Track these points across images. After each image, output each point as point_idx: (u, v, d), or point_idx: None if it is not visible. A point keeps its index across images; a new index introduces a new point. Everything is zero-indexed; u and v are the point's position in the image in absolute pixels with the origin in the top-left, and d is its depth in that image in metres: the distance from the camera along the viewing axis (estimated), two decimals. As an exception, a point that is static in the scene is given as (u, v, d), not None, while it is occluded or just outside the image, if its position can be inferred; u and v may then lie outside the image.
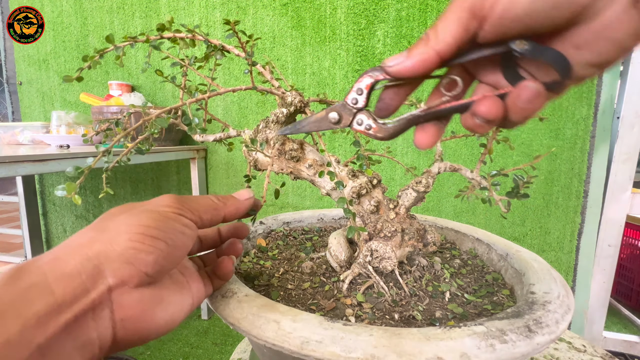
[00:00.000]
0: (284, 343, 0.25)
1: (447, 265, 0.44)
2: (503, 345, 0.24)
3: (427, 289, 0.38)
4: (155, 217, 0.25)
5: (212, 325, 1.38)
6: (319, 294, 0.37)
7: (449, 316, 0.33)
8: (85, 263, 0.21)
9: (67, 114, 1.31)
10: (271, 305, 0.29)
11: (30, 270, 0.20)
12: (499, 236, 0.49)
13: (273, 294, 0.37)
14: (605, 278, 1.19)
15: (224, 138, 0.44)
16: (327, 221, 0.62)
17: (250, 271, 0.42)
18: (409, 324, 0.32)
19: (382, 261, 0.37)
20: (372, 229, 0.38)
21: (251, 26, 1.33)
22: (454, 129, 1.20)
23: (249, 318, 0.28)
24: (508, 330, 0.25)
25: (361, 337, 0.25)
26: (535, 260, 0.39)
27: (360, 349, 0.24)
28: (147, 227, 0.24)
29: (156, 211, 0.25)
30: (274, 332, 0.26)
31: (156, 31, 0.37)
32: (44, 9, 1.52)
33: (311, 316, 0.27)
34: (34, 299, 0.19)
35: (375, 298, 0.36)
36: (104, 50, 0.36)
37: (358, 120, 0.29)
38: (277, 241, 0.53)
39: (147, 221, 0.24)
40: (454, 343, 0.24)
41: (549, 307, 0.29)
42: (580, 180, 1.14)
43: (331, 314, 0.33)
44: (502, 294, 0.38)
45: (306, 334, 0.25)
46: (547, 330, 0.26)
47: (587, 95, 1.09)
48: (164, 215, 0.25)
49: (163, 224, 0.24)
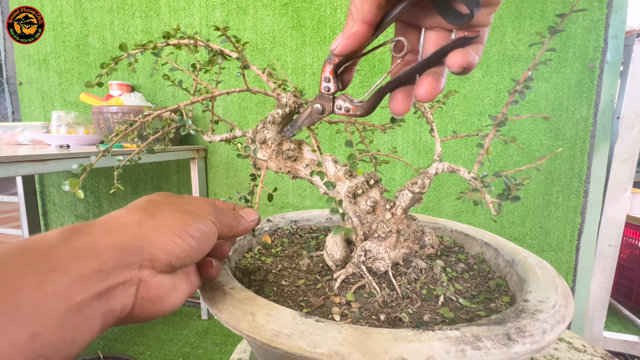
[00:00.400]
0: (256, 335, 0.26)
1: (449, 269, 0.44)
2: (475, 351, 0.24)
3: (421, 292, 0.37)
4: (198, 220, 0.28)
5: (212, 325, 1.38)
6: (311, 291, 0.37)
7: (438, 320, 0.33)
8: (133, 240, 0.23)
9: (67, 114, 1.31)
10: (252, 298, 0.30)
11: (85, 233, 0.22)
12: (508, 240, 0.48)
13: (266, 289, 0.37)
14: (605, 278, 1.19)
15: (230, 138, 0.46)
16: (335, 221, 0.62)
17: (249, 266, 0.43)
18: (394, 326, 0.32)
19: (376, 262, 0.37)
20: (368, 229, 0.38)
21: (251, 26, 1.33)
22: (454, 128, 1.20)
23: (229, 309, 0.29)
24: (484, 337, 0.25)
25: (329, 333, 0.25)
26: (540, 267, 0.38)
27: (325, 345, 0.24)
28: (190, 227, 0.27)
29: (202, 216, 0.28)
30: (248, 324, 0.27)
31: (162, 38, 0.40)
32: (44, 9, 1.52)
33: (287, 311, 0.28)
34: (83, 260, 0.21)
35: (365, 298, 0.36)
36: (119, 58, 0.39)
37: (337, 105, 0.33)
38: (282, 239, 0.54)
39: (192, 222, 0.27)
40: (421, 346, 0.24)
41: (538, 316, 0.28)
42: (580, 180, 1.14)
43: (317, 311, 0.33)
44: (502, 301, 0.37)
45: (277, 327, 0.26)
46: (529, 339, 0.25)
47: (587, 95, 1.09)
48: (206, 222, 0.28)
49: (203, 228, 0.28)
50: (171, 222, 0.26)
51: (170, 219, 0.26)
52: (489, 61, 1.15)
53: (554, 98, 1.12)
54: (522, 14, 1.10)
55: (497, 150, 1.18)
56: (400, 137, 1.26)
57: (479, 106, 1.18)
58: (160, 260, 0.24)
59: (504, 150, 1.18)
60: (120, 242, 0.23)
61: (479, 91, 1.17)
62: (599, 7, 1.04)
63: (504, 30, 1.12)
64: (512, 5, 1.11)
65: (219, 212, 0.31)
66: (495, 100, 1.16)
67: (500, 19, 1.12)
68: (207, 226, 0.28)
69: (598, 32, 1.05)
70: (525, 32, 1.11)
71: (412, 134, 1.25)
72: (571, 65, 1.09)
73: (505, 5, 1.11)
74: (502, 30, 1.12)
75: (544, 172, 1.16)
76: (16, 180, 1.58)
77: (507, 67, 1.14)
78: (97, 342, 1.26)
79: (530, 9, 1.10)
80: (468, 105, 1.19)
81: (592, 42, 1.06)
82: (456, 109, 1.20)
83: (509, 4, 1.11)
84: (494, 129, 0.36)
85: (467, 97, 1.18)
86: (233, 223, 0.33)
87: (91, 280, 0.20)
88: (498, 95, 1.16)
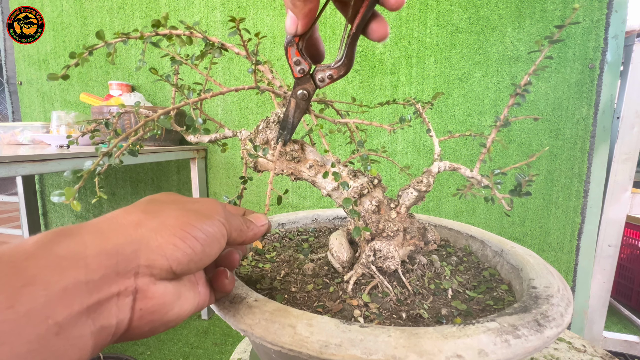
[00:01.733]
0: (302, 348, 0.25)
1: (444, 262, 0.45)
2: (517, 340, 0.24)
3: (429, 287, 0.38)
4: (204, 220, 0.25)
5: (212, 325, 1.38)
6: (324, 295, 0.37)
7: (454, 313, 0.33)
8: (126, 246, 0.20)
9: (67, 114, 1.31)
10: (284, 309, 0.28)
11: (72, 237, 0.19)
12: (492, 233, 0.50)
13: (277, 297, 0.36)
14: (605, 278, 1.19)
15: (220, 139, 0.43)
16: (321, 221, 0.62)
17: (251, 275, 0.42)
18: (416, 323, 0.32)
19: (386, 261, 0.37)
20: (375, 229, 0.38)
21: (251, 26, 1.33)
22: (455, 129, 1.20)
23: (262, 324, 0.27)
24: (519, 325, 0.26)
25: (380, 338, 0.24)
26: (530, 256, 0.40)
27: (380, 350, 0.24)
28: (193, 227, 0.24)
29: (209, 216, 0.25)
30: (290, 337, 0.25)
31: (151, 27, 0.35)
32: (44, 9, 1.52)
33: (326, 319, 0.27)
34: (66, 270, 0.17)
35: (380, 298, 0.36)
36: (93, 47, 0.34)
37: (319, 79, 0.33)
38: (273, 243, 0.53)
39: (197, 222, 0.24)
40: (470, 340, 0.24)
41: (552, 300, 0.29)
42: (580, 180, 1.14)
43: (339, 316, 0.33)
44: (501, 289, 0.38)
45: (324, 337, 0.25)
46: (554, 323, 0.27)
47: (587, 95, 1.09)
48: (214, 222, 0.25)
49: (209, 229, 0.25)
50: (173, 222, 0.23)
51: (172, 218, 0.23)
52: (489, 61, 1.15)
53: (554, 98, 1.12)
54: (522, 14, 1.11)
55: (497, 150, 1.18)
56: (400, 137, 1.26)
57: (479, 106, 1.18)
58: (159, 266, 0.22)
59: (504, 150, 1.18)
60: (113, 246, 0.20)
61: (478, 91, 1.17)
62: (599, 7, 1.04)
63: (504, 30, 1.12)
64: (512, 5, 1.11)
65: (229, 214, 0.28)
66: (495, 100, 1.16)
67: (500, 19, 1.12)
68: (215, 227, 0.25)
69: (598, 32, 1.06)
70: (525, 32, 1.11)
71: (412, 134, 1.25)
72: (571, 65, 1.09)
73: (505, 5, 1.11)
74: (502, 30, 1.13)
75: (544, 172, 1.16)
76: (16, 180, 1.58)
77: (507, 67, 1.14)
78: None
79: (530, 9, 1.10)
80: (468, 105, 1.19)
81: (592, 42, 1.07)
82: (456, 109, 1.20)
83: (509, 4, 1.11)
84: (495, 129, 0.37)
85: (467, 97, 1.18)
86: (243, 227, 0.29)
87: (76, 293, 0.17)
88: (498, 95, 1.16)
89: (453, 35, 1.17)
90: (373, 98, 1.26)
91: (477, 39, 1.15)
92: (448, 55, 1.18)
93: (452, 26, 1.16)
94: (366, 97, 1.26)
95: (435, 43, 1.19)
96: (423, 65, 1.21)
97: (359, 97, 1.27)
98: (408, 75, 1.23)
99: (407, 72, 1.22)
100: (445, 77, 1.19)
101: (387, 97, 1.26)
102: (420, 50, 1.20)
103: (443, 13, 1.16)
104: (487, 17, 1.13)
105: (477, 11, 1.14)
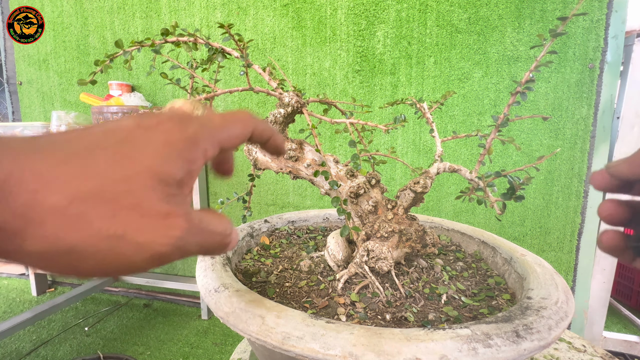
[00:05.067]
0: (266, 337, 0.26)
1: (448, 267, 0.44)
2: (486, 349, 0.24)
3: (423, 291, 0.38)
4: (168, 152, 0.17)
5: (212, 325, 1.38)
6: (314, 292, 0.37)
7: (442, 319, 0.33)
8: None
9: (67, 114, 1.31)
10: (259, 300, 0.29)
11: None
12: (504, 239, 0.48)
13: (269, 290, 0.37)
14: (605, 278, 1.19)
15: None
16: (332, 221, 0.62)
17: (249, 268, 0.42)
18: (400, 325, 0.32)
19: (378, 261, 0.37)
20: (370, 229, 0.38)
21: (252, 27, 1.33)
22: (454, 129, 1.21)
23: (236, 312, 0.29)
24: (494, 334, 0.25)
25: (341, 334, 0.25)
26: (539, 265, 0.39)
27: (339, 346, 0.24)
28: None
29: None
30: (257, 327, 0.27)
31: (160, 35, 0.39)
32: (44, 9, 1.52)
33: (296, 313, 0.27)
34: None
35: (369, 298, 0.36)
36: (114, 55, 0.38)
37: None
38: (280, 239, 0.53)
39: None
40: (434, 345, 0.24)
41: (543, 313, 0.28)
42: (580, 180, 1.14)
43: (323, 312, 0.33)
44: (502, 298, 0.37)
45: (288, 329, 0.26)
46: (536, 336, 0.26)
47: (587, 95, 1.09)
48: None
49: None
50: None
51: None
52: (489, 61, 1.15)
53: (554, 98, 1.12)
54: (522, 14, 1.11)
55: (497, 150, 1.18)
56: (400, 137, 1.26)
57: (479, 106, 1.18)
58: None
59: (504, 150, 1.18)
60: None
61: (478, 91, 1.17)
62: (599, 7, 1.04)
63: (504, 30, 1.12)
64: (512, 5, 1.11)
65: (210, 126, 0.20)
66: (495, 100, 1.16)
67: (500, 19, 1.12)
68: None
69: (598, 32, 1.06)
70: (525, 32, 1.11)
71: (412, 134, 1.25)
72: (571, 65, 1.09)
73: (505, 6, 1.11)
74: (502, 30, 1.13)
75: (544, 172, 1.16)
76: (16, 181, 1.57)
77: (506, 67, 1.14)
78: (97, 342, 1.26)
79: (530, 9, 1.10)
80: (468, 106, 1.19)
81: (592, 42, 1.07)
82: (456, 109, 1.20)
83: (508, 4, 1.11)
84: (495, 129, 0.37)
85: (467, 97, 1.18)
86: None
87: None
88: (498, 95, 1.16)
89: (453, 36, 1.17)
90: (373, 98, 1.26)
91: (477, 39, 1.15)
92: (448, 56, 1.18)
93: (452, 26, 1.16)
94: (366, 98, 1.26)
95: (435, 43, 1.19)
96: (423, 65, 1.21)
97: (359, 97, 1.27)
98: (408, 76, 1.23)
99: (407, 73, 1.22)
100: (445, 77, 1.19)
101: (387, 98, 1.26)
102: (420, 50, 1.20)
103: (443, 13, 1.16)
104: (487, 17, 1.13)
105: (477, 11, 1.14)
